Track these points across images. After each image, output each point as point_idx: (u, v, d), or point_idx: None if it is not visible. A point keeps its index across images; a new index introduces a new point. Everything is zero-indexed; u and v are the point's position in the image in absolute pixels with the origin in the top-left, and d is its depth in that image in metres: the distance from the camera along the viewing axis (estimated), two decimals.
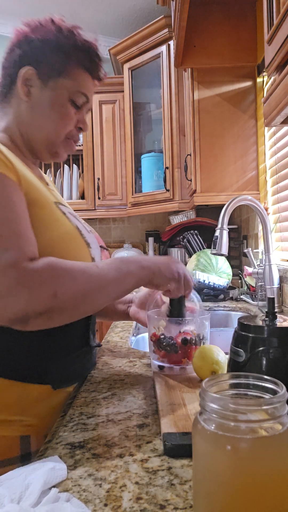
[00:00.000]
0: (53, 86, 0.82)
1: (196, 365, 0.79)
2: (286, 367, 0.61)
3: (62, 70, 0.82)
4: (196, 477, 0.40)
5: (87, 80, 0.85)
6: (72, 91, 0.83)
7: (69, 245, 0.77)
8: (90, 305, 0.71)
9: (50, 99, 0.82)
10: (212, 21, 1.85)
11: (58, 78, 0.82)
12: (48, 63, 0.81)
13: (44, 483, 0.47)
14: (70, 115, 0.84)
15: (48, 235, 0.74)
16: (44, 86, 0.82)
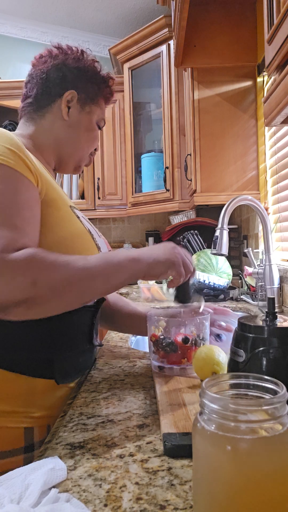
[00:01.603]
0: (88, 111, 0.95)
1: (197, 365, 0.79)
2: (286, 367, 0.61)
3: (95, 98, 0.96)
4: (196, 478, 0.40)
5: (104, 108, 1.00)
6: (99, 117, 0.98)
7: (80, 246, 0.80)
8: (73, 297, 0.70)
9: (85, 122, 0.95)
10: (212, 20, 1.85)
11: (92, 105, 0.95)
12: (86, 91, 0.94)
13: (44, 484, 0.47)
14: (98, 137, 0.99)
15: (61, 233, 0.78)
16: (82, 110, 0.94)
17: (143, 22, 3.07)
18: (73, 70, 0.93)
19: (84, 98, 0.94)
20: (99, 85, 0.96)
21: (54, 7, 3.10)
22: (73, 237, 0.80)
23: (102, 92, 0.97)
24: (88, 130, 0.95)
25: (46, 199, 0.77)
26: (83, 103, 0.94)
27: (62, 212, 0.81)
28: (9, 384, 0.75)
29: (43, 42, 3.48)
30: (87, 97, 0.94)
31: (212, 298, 1.87)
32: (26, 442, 0.75)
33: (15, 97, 3.10)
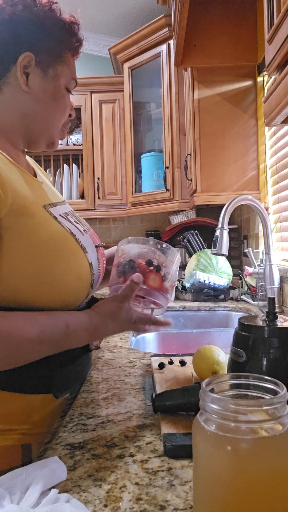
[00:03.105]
0: (53, 75, 0.77)
1: (197, 365, 0.79)
2: (287, 368, 0.61)
3: (59, 55, 0.76)
4: (196, 478, 0.40)
5: (73, 63, 0.81)
6: (67, 78, 0.79)
7: (62, 250, 0.72)
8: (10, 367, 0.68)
9: (51, 89, 0.77)
10: (212, 20, 1.85)
11: (57, 65, 0.77)
12: (46, 49, 0.74)
13: (44, 484, 0.47)
14: (68, 103, 0.81)
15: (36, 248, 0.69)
16: (44, 75, 0.76)
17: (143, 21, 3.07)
18: (24, 24, 0.72)
19: (45, 59, 0.75)
20: (61, 37, 0.76)
21: None
22: (51, 242, 0.71)
23: (66, 45, 0.77)
24: (56, 99, 0.78)
25: (15, 208, 0.67)
26: (45, 65, 0.75)
27: (36, 219, 0.70)
28: (5, 403, 0.71)
29: None
30: (49, 56, 0.75)
31: (212, 298, 1.87)
32: (24, 459, 0.72)
33: None
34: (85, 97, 3.04)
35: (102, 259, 0.86)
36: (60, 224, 0.75)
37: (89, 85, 3.03)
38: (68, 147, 3.15)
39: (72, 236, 0.75)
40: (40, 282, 0.69)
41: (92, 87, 3.03)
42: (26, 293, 0.68)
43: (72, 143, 3.17)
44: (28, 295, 0.68)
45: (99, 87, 3.03)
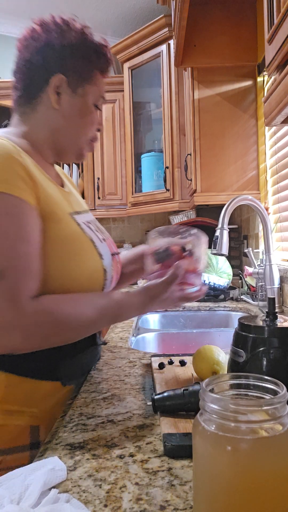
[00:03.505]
0: (82, 93, 0.85)
1: (197, 365, 0.79)
2: (287, 368, 0.61)
3: (88, 75, 0.84)
4: (196, 478, 0.40)
5: (103, 82, 0.89)
6: (96, 96, 0.87)
7: (82, 258, 0.80)
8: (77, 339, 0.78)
9: (80, 107, 0.85)
10: (212, 20, 1.85)
11: (85, 85, 0.85)
12: (76, 70, 0.83)
13: (44, 484, 0.47)
14: (96, 119, 0.88)
15: (63, 249, 0.77)
16: (74, 94, 0.84)
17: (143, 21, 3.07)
18: (58, 49, 0.81)
19: (75, 80, 0.83)
20: (91, 58, 0.84)
21: (54, 7, 3.10)
22: (72, 246, 0.79)
23: (95, 65, 0.85)
24: (84, 115, 0.85)
25: (46, 212, 0.75)
26: (74, 85, 0.83)
27: (63, 225, 0.79)
28: (15, 386, 0.77)
29: None
30: (79, 77, 0.83)
31: (212, 298, 1.87)
32: (32, 439, 0.77)
33: None
34: None
35: (117, 266, 0.92)
36: (82, 231, 0.82)
37: None
38: None
39: (91, 243, 0.83)
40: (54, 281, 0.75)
41: None
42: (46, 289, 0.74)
43: None
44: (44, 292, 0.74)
45: None
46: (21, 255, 0.69)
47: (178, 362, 0.90)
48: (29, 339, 0.70)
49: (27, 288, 0.69)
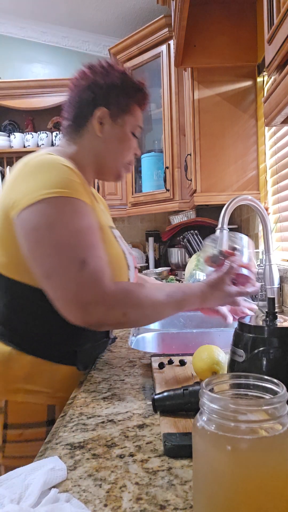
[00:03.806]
0: (121, 123, 0.99)
1: (197, 365, 0.79)
2: (287, 367, 0.61)
3: (126, 109, 0.99)
4: (196, 478, 0.40)
5: (140, 114, 1.03)
6: (133, 125, 1.00)
7: (115, 266, 0.91)
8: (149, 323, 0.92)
9: (119, 135, 0.99)
10: (212, 20, 1.85)
11: (125, 116, 0.99)
12: (116, 104, 0.97)
13: (44, 484, 0.47)
14: (133, 146, 1.02)
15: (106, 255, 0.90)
16: (114, 124, 0.98)
17: (143, 22, 3.07)
18: (102, 86, 0.96)
19: (115, 111, 0.97)
20: (130, 94, 0.99)
21: (54, 7, 3.10)
22: (112, 258, 0.90)
23: (133, 100, 1.00)
24: (122, 142, 1.00)
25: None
26: (115, 116, 0.98)
27: (104, 234, 0.91)
28: (36, 368, 0.89)
29: (43, 41, 3.48)
30: (119, 109, 0.98)
31: None
32: (49, 417, 0.89)
33: (15, 97, 3.10)
34: None
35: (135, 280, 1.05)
36: (118, 244, 0.97)
37: None
38: None
39: (124, 255, 0.97)
40: None
41: None
42: None
43: None
44: None
45: None
46: (95, 245, 0.82)
47: (178, 362, 0.90)
48: (110, 314, 0.80)
49: (106, 272, 0.81)
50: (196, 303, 0.90)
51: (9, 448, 0.88)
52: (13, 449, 0.88)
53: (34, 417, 0.88)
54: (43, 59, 3.51)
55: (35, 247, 0.80)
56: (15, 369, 0.88)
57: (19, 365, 0.88)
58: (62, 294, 0.78)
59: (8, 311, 0.90)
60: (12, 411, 0.88)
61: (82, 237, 0.80)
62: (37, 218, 0.80)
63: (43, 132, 3.18)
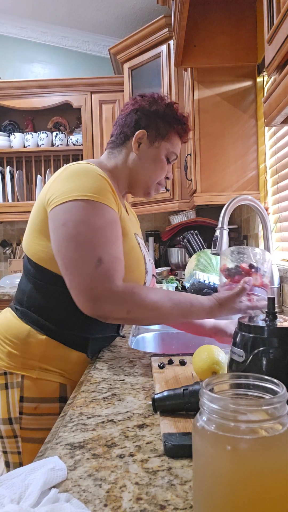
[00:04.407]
0: (157, 146, 1.08)
1: (197, 365, 0.79)
2: (287, 368, 0.61)
3: (164, 135, 1.09)
4: (196, 478, 0.40)
5: (178, 143, 1.13)
6: (169, 151, 1.10)
7: (136, 269, 1.02)
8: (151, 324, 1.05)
9: (153, 156, 1.09)
10: (212, 20, 1.85)
11: (161, 141, 1.08)
12: (156, 129, 1.08)
13: (44, 484, 0.47)
14: (165, 169, 1.11)
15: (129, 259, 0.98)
16: (151, 145, 1.08)
17: (143, 22, 3.07)
18: (147, 112, 1.08)
19: (154, 135, 1.08)
20: (171, 123, 1.09)
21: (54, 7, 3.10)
22: (133, 261, 1.01)
23: (173, 129, 1.09)
24: (155, 162, 1.09)
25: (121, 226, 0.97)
26: (153, 139, 1.08)
27: (128, 239, 1.01)
28: (51, 349, 0.98)
29: (43, 42, 3.48)
30: (158, 134, 1.08)
31: None
32: (61, 394, 0.99)
33: (15, 97, 3.10)
34: (85, 98, 3.04)
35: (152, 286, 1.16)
36: (140, 250, 1.07)
37: (89, 85, 3.03)
38: (68, 147, 3.15)
39: (143, 261, 1.06)
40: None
41: (92, 87, 3.03)
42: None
43: (72, 143, 3.17)
44: None
45: (99, 87, 3.03)
46: (114, 248, 0.90)
47: (178, 362, 0.90)
48: (116, 309, 0.88)
49: (119, 272, 0.89)
50: (202, 316, 0.95)
51: (25, 420, 0.97)
52: (29, 421, 0.97)
53: (48, 392, 0.97)
54: (43, 59, 3.51)
55: (60, 240, 0.90)
56: (32, 347, 0.98)
57: (36, 344, 0.98)
58: (77, 285, 0.88)
59: (34, 293, 1.01)
60: (28, 386, 0.97)
61: (102, 237, 0.89)
62: (66, 215, 0.90)
63: (43, 132, 3.18)
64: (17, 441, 0.98)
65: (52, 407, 0.97)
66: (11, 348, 0.99)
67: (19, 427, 0.97)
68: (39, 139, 3.17)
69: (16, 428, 0.98)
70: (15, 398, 0.97)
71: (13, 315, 1.03)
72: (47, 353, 0.98)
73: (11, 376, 0.99)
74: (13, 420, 0.98)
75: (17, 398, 0.97)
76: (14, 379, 0.98)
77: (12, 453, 1.00)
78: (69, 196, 0.90)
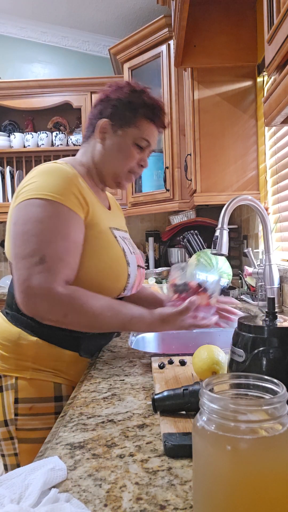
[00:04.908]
0: (122, 134, 1.06)
1: (197, 365, 0.79)
2: (286, 367, 0.61)
3: (131, 122, 1.06)
4: (196, 478, 0.40)
5: (151, 129, 1.08)
6: (136, 137, 1.06)
7: (114, 263, 1.00)
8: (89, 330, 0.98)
9: (118, 144, 1.06)
10: (212, 20, 1.85)
11: (127, 128, 1.06)
12: (121, 117, 1.06)
13: (44, 484, 0.47)
14: (133, 156, 1.07)
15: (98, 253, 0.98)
16: (115, 134, 1.06)
17: (143, 22, 3.07)
18: (110, 101, 1.07)
19: (119, 123, 1.06)
20: (136, 109, 1.05)
21: (54, 7, 3.10)
22: (109, 258, 0.99)
23: (140, 115, 1.06)
24: (120, 150, 1.06)
25: (92, 223, 0.97)
26: (117, 127, 1.06)
27: (103, 234, 1.00)
28: (43, 349, 0.98)
29: (43, 42, 3.48)
30: (123, 122, 1.05)
31: None
32: (56, 393, 0.98)
33: (15, 97, 3.10)
34: (85, 97, 3.04)
35: (140, 276, 1.13)
36: (117, 241, 1.04)
37: (89, 85, 3.03)
38: (68, 147, 3.15)
39: (123, 252, 1.03)
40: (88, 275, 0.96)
41: (92, 87, 3.03)
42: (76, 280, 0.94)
43: (72, 143, 3.17)
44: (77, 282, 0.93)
45: (99, 87, 3.02)
46: (60, 247, 0.89)
47: (178, 362, 0.90)
48: (52, 311, 0.87)
49: (61, 273, 0.88)
50: (143, 329, 0.94)
51: (21, 421, 0.97)
52: (25, 422, 0.97)
53: (42, 392, 0.97)
54: (43, 59, 3.51)
55: (12, 237, 0.92)
56: (24, 348, 0.98)
57: (27, 346, 0.98)
58: (17, 281, 0.87)
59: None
60: (22, 387, 0.97)
61: (51, 236, 0.88)
62: (20, 213, 0.91)
63: (43, 132, 3.18)
64: (13, 443, 0.98)
65: (47, 406, 0.97)
66: (3, 351, 0.99)
67: (14, 428, 0.97)
68: (39, 139, 3.17)
69: (12, 429, 0.97)
70: (10, 400, 0.97)
71: (4, 319, 1.03)
72: (40, 354, 0.98)
73: (5, 379, 0.99)
74: (8, 422, 0.97)
75: (12, 400, 0.97)
76: (8, 381, 0.98)
77: (9, 456, 0.99)
78: (27, 195, 0.91)
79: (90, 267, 0.96)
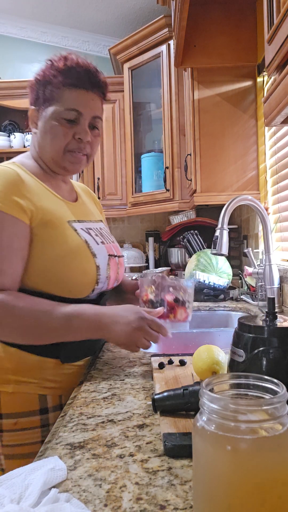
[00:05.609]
0: (44, 115, 0.99)
1: (197, 365, 0.79)
2: (287, 367, 0.61)
3: (50, 99, 0.98)
4: (196, 478, 0.40)
5: (74, 95, 0.97)
6: (58, 111, 0.97)
7: (76, 256, 0.94)
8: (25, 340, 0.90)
9: (43, 126, 0.99)
10: (212, 20, 1.85)
11: (47, 107, 0.98)
12: (41, 99, 0.99)
13: (44, 484, 0.47)
14: (59, 133, 0.98)
15: (57, 250, 0.92)
16: (40, 116, 1.00)
17: (143, 22, 3.07)
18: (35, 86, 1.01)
19: (40, 106, 1.00)
20: (52, 82, 0.97)
21: (54, 7, 3.10)
22: (68, 251, 0.93)
23: (57, 86, 0.97)
24: (46, 132, 0.99)
25: (43, 221, 0.92)
26: (41, 112, 1.00)
27: (58, 230, 0.93)
28: (24, 360, 0.93)
29: (43, 42, 3.48)
30: (44, 101, 0.99)
31: (212, 298, 1.87)
32: (41, 406, 0.94)
33: (15, 97, 3.10)
34: None
35: (116, 267, 1.06)
36: (78, 235, 0.96)
37: None
38: None
39: (86, 244, 0.97)
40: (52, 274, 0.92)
41: None
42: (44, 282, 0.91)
43: None
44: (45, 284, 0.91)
45: None
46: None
47: (178, 362, 0.90)
48: None
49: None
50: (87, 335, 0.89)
51: (6, 437, 0.92)
52: (10, 438, 0.92)
53: (27, 406, 0.93)
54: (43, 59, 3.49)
55: None
56: (4, 362, 0.93)
57: (6, 358, 0.93)
58: None
59: None
60: (5, 401, 0.92)
61: None
62: None
63: None
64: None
65: (32, 420, 0.93)
66: None
67: (0, 444, 0.93)
68: None
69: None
70: None
71: None
72: (20, 365, 0.93)
73: None
74: None
75: None
76: None
77: None
78: None
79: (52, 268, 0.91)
